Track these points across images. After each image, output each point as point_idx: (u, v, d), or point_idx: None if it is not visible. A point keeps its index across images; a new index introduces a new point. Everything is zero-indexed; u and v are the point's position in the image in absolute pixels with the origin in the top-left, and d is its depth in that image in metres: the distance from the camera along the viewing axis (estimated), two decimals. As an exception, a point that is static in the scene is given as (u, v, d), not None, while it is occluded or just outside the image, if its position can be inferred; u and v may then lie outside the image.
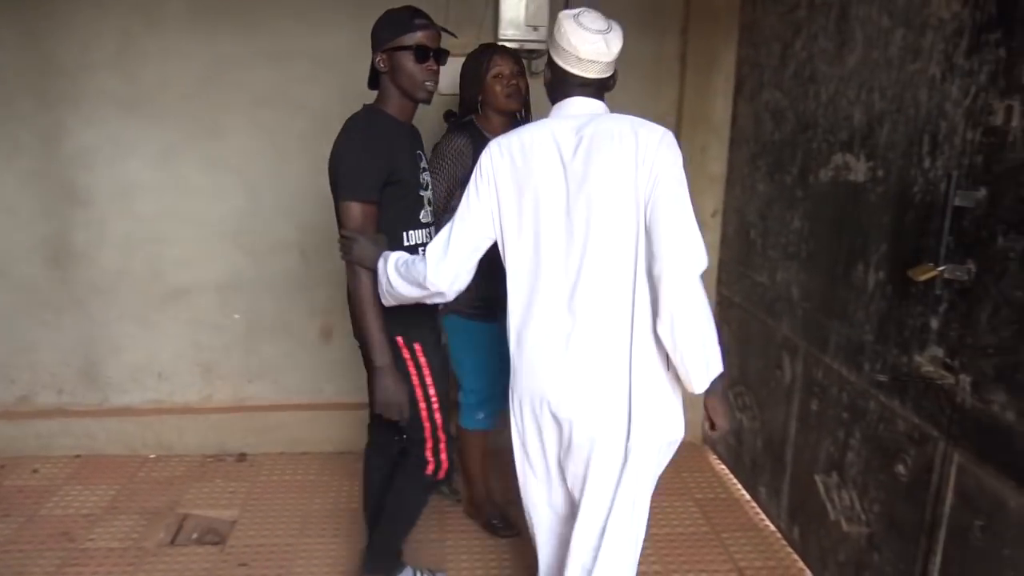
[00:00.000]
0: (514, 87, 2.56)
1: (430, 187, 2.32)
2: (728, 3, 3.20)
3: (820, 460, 2.50)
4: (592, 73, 1.79)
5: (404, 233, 2.17)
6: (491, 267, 1.94)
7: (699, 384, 1.71)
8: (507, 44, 3.12)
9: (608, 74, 1.83)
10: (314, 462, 3.46)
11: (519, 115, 2.65)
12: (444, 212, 2.51)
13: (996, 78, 1.73)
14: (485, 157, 1.86)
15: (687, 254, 1.66)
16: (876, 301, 2.19)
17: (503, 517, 2.91)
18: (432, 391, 2.20)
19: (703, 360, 1.69)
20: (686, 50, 3.26)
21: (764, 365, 2.89)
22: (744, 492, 3.13)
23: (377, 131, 2.10)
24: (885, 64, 2.16)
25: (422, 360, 2.18)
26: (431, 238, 2.10)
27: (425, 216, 2.25)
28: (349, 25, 3.17)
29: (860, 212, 2.27)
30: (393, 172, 2.07)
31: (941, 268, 1.84)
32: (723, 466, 3.36)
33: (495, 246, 1.89)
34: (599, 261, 1.75)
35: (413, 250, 2.15)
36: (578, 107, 1.82)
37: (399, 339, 2.14)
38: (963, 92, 1.85)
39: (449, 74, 3.20)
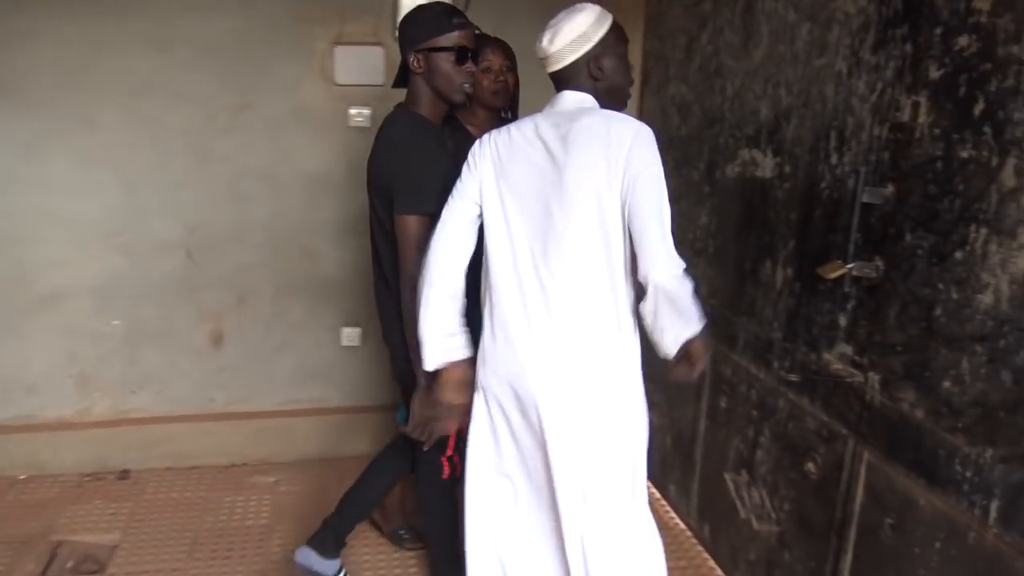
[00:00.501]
0: (502, 83, 2.44)
1: None
2: (632, -5, 3.15)
3: (730, 458, 2.48)
4: (550, 67, 1.84)
5: None
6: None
7: (670, 349, 1.70)
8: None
9: (560, 65, 1.82)
10: (204, 477, 3.24)
11: (506, 113, 2.54)
12: None
13: (902, 74, 1.72)
14: (475, 148, 1.89)
15: (666, 260, 1.66)
16: (784, 298, 2.17)
17: (412, 528, 2.78)
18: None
19: (674, 337, 1.68)
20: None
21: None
22: (654, 490, 3.10)
23: (426, 138, 2.02)
24: (791, 59, 2.14)
25: None
26: None
27: None
28: (237, 11, 2.96)
29: (768, 208, 2.25)
30: (445, 182, 1.95)
31: (850, 266, 1.82)
32: (632, 464, 3.32)
33: None
34: (570, 258, 1.75)
35: None
36: (563, 102, 1.83)
37: None
38: (869, 88, 1.83)
39: (351, 63, 3.06)
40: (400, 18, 2.91)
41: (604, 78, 1.83)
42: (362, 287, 3.31)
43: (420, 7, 2.07)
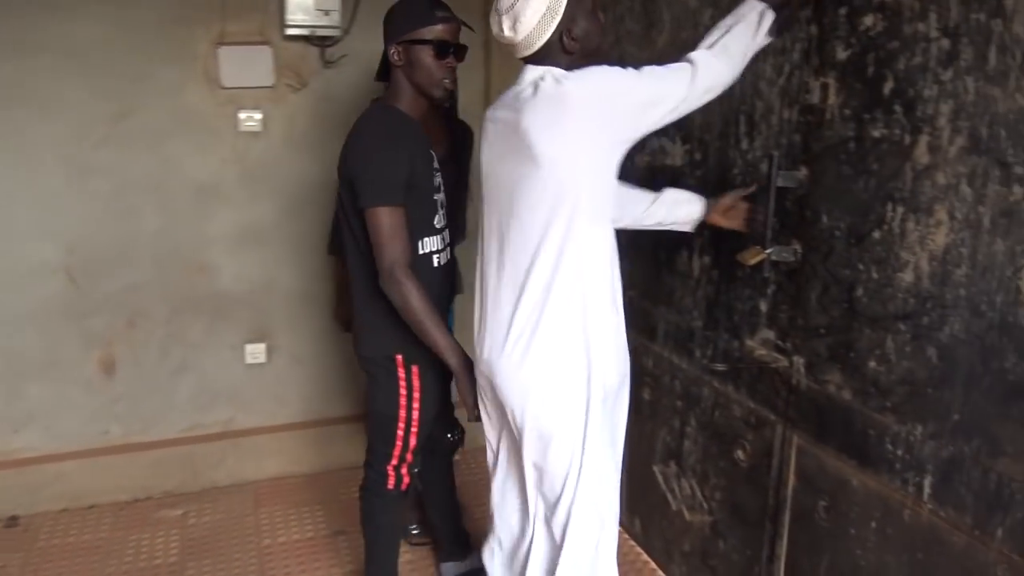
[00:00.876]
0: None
1: (443, 189, 2.13)
2: (528, -14, 3.09)
3: (657, 450, 2.46)
4: (519, 54, 1.73)
5: (420, 241, 2.02)
6: None
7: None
8: (296, 31, 2.84)
9: (531, 51, 1.69)
10: (104, 516, 3.00)
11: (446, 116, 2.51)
12: None
13: (809, 55, 1.72)
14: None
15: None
16: (703, 286, 2.15)
17: (421, 523, 2.74)
18: (416, 415, 2.11)
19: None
20: (489, 36, 3.11)
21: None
22: (581, 488, 3.06)
23: (394, 130, 1.96)
24: (695, 45, 2.11)
25: (415, 383, 2.08)
26: (444, 244, 2.10)
27: (439, 221, 2.10)
28: (107, 13, 2.74)
29: (680, 197, 2.23)
30: (412, 175, 1.93)
31: (768, 251, 1.81)
32: (557, 462, 3.28)
33: None
34: (523, 246, 1.71)
35: (428, 259, 2.04)
36: (522, 76, 1.73)
37: (399, 357, 2.05)
38: (777, 71, 1.82)
39: (237, 64, 2.88)
40: (289, 13, 2.79)
41: (578, 49, 1.68)
42: (265, 300, 3.15)
43: (402, 0, 1.99)
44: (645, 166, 2.40)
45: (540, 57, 1.69)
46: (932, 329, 1.46)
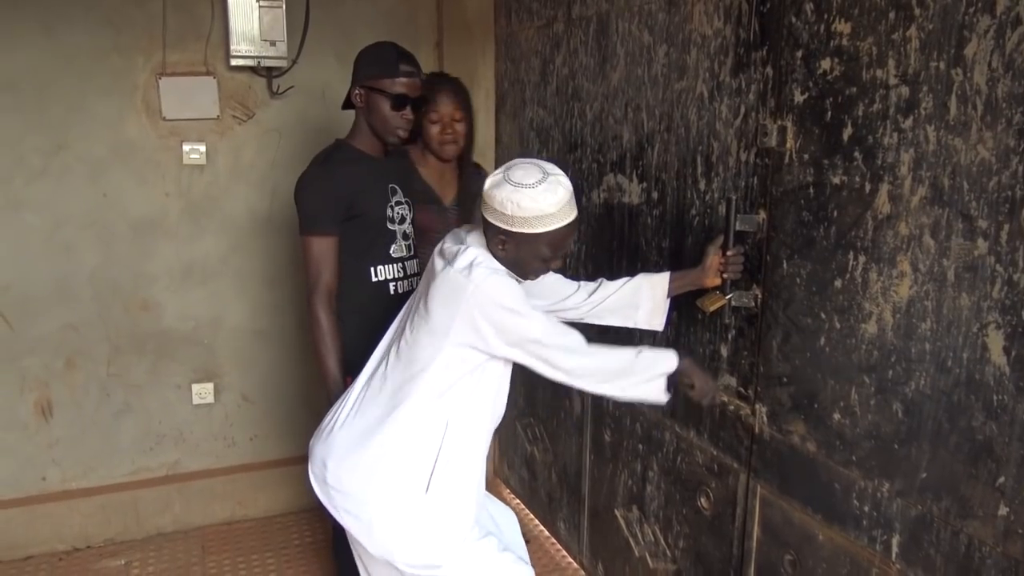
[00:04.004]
0: (450, 136, 2.33)
1: (408, 220, 2.21)
2: (481, 15, 3.03)
3: (619, 493, 2.39)
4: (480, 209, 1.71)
5: (371, 268, 2.14)
6: None
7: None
8: (241, 61, 2.74)
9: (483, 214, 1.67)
10: (41, 568, 2.85)
11: (460, 161, 2.45)
12: None
13: (765, 97, 1.68)
14: None
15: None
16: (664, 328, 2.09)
17: None
18: None
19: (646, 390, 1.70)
20: (442, 66, 3.05)
21: (552, 395, 2.76)
22: (543, 528, 2.98)
23: (336, 165, 2.08)
24: (650, 82, 2.07)
25: None
26: (407, 272, 2.20)
27: (398, 251, 2.19)
28: (40, 43, 2.62)
29: (638, 235, 2.18)
30: (352, 205, 2.06)
31: (728, 296, 1.76)
32: (517, 501, 3.20)
33: None
34: (393, 381, 1.74)
35: (383, 286, 2.16)
36: (470, 236, 1.73)
37: (348, 380, 2.02)
38: (733, 112, 1.78)
39: (179, 95, 2.77)
40: (233, 44, 2.70)
41: (507, 262, 1.66)
42: (212, 338, 3.03)
43: (377, 44, 2.11)
44: (603, 203, 2.34)
45: (485, 232, 1.68)
46: (897, 383, 1.42)
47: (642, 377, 1.68)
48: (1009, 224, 1.20)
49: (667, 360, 1.69)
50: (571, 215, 1.61)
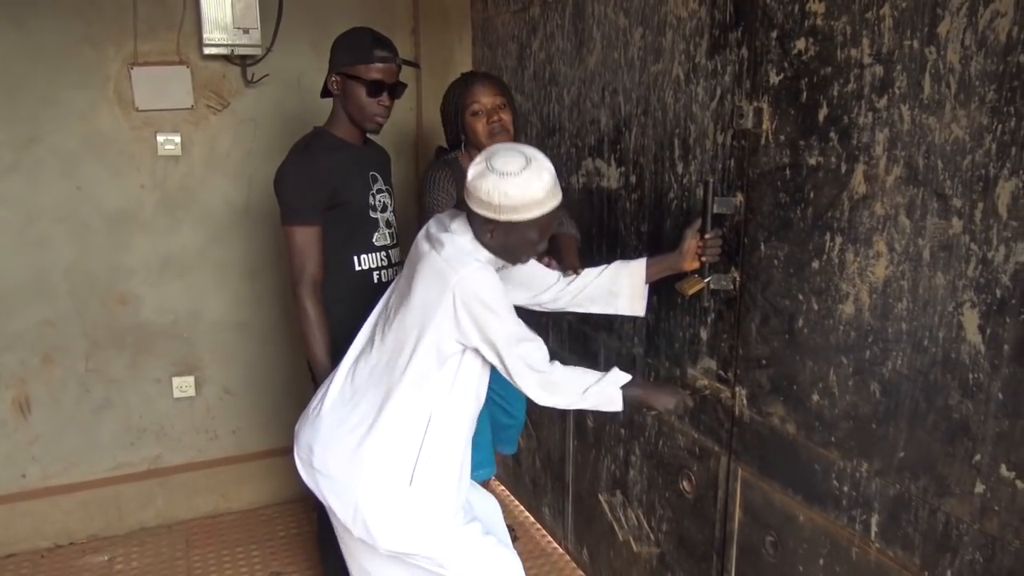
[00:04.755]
0: (497, 123, 2.17)
1: (389, 208, 2.20)
2: (457, 0, 3.00)
3: (602, 478, 2.39)
4: (466, 199, 1.68)
5: (355, 257, 2.13)
6: None
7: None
8: (214, 50, 2.70)
9: (470, 207, 1.65)
10: (23, 566, 2.82)
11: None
12: None
13: (741, 79, 1.67)
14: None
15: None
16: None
17: None
18: None
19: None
20: (419, 53, 3.02)
21: (534, 381, 2.75)
22: (528, 515, 2.99)
23: (316, 154, 2.06)
24: (627, 65, 2.06)
25: None
26: (391, 261, 2.18)
27: (381, 239, 2.17)
28: (8, 35, 2.57)
29: (617, 220, 2.17)
30: (335, 194, 2.04)
31: (707, 279, 1.76)
32: (502, 487, 3.20)
33: None
34: (382, 364, 1.75)
35: (367, 275, 2.14)
36: (454, 223, 1.73)
37: None
38: (709, 94, 1.77)
39: (152, 85, 2.73)
40: (206, 32, 2.66)
41: (496, 250, 1.67)
42: (192, 331, 3.00)
43: (352, 30, 2.08)
44: (582, 188, 2.33)
45: (471, 220, 1.66)
46: (874, 364, 1.42)
47: (587, 405, 1.74)
48: (983, 203, 1.20)
49: (612, 402, 1.71)
50: (557, 197, 1.60)
